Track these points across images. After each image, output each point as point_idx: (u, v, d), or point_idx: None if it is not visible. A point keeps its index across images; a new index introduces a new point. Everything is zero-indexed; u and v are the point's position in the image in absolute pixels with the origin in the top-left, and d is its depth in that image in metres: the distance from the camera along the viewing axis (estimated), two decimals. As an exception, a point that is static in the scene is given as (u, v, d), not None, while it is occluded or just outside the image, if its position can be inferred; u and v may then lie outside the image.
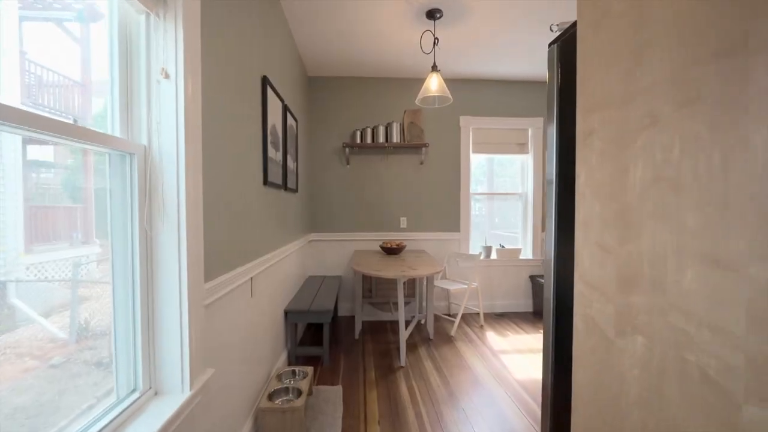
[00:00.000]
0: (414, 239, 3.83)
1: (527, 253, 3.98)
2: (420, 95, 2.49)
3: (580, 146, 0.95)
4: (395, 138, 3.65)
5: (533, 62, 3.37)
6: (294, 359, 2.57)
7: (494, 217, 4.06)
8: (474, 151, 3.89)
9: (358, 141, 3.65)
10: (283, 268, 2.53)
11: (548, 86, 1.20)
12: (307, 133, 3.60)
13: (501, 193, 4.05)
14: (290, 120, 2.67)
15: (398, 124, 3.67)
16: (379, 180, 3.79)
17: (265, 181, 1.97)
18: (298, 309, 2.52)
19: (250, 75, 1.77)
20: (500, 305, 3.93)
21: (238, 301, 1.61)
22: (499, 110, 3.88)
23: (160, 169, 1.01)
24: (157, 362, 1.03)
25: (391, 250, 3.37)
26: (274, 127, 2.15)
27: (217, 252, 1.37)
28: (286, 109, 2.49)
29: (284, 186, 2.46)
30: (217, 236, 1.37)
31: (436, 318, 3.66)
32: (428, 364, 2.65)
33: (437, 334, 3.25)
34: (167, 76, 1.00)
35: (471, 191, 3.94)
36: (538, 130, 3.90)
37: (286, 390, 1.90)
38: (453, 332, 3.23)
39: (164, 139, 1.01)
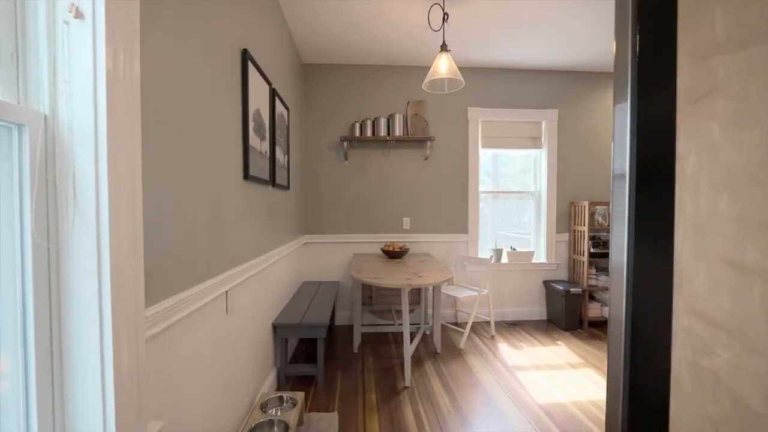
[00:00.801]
0: (418, 241, 3.52)
1: (540, 257, 3.68)
2: (428, 78, 2.18)
3: (687, 114, 0.65)
4: (398, 131, 3.34)
5: (553, 45, 3.06)
6: (284, 380, 2.26)
7: (498, 217, 3.74)
8: (483, 146, 3.58)
9: (357, 134, 3.34)
10: (271, 275, 2.23)
11: (618, 45, 0.88)
12: (301, 125, 3.29)
13: (514, 192, 3.74)
14: (280, 107, 2.36)
15: (401, 116, 3.36)
16: (380, 177, 3.49)
17: (246, 175, 1.66)
18: (289, 322, 2.21)
19: (226, 43, 1.46)
20: (511, 313, 3.63)
21: (207, 322, 1.30)
22: (510, 101, 3.57)
23: (70, 150, 0.70)
24: (66, 430, 0.72)
25: (394, 254, 3.07)
26: (258, 112, 1.84)
27: (173, 264, 1.06)
28: (274, 93, 2.18)
29: (272, 182, 2.15)
30: (174, 243, 1.06)
31: (443, 328, 3.36)
32: (436, 383, 2.35)
33: (444, 346, 2.95)
34: (79, 15, 0.69)
35: (480, 189, 3.63)
36: (553, 123, 3.59)
37: (271, 424, 1.59)
38: (462, 345, 2.93)
39: (76, 106, 0.70)
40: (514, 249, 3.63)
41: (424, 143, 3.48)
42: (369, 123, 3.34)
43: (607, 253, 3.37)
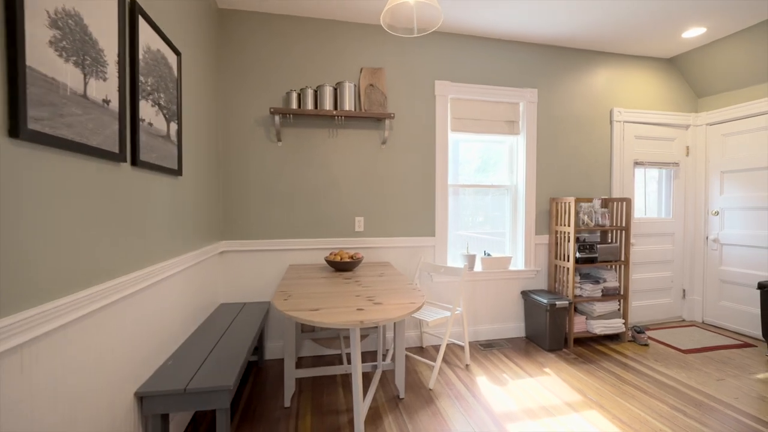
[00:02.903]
0: (374, 247, 2.78)
1: (518, 263, 3.12)
2: (388, 5, 1.44)
3: None
4: (348, 105, 2.58)
5: (533, 12, 2.47)
6: (158, 481, 1.39)
7: (459, 216, 3.11)
8: (453, 129, 2.94)
9: (295, 106, 2.52)
10: (137, 309, 1.35)
11: None
12: (212, 87, 2.39)
13: (487, 186, 3.14)
14: (156, 42, 1.49)
15: (352, 86, 2.60)
16: (324, 164, 2.69)
17: (16, 129, 0.79)
18: (164, 390, 1.35)
19: None
20: (485, 331, 3.03)
21: None
22: (484, 76, 2.96)
23: None
24: None
25: (342, 266, 2.30)
26: (75, 19, 0.98)
27: None
28: (137, 11, 1.30)
29: (128, 155, 1.28)
30: None
31: (406, 358, 2.65)
32: (401, 456, 1.63)
33: (409, 386, 2.24)
34: None
35: (450, 182, 2.99)
36: (532, 105, 3.05)
37: None
38: (432, 383, 2.24)
39: None
40: (489, 254, 3.03)
41: (382, 122, 2.75)
42: (310, 93, 2.54)
43: (594, 258, 2.89)
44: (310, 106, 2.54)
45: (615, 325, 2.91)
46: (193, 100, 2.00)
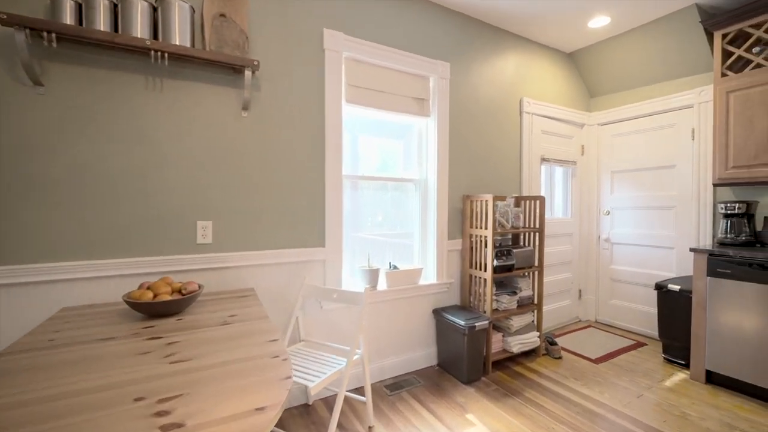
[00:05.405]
0: (229, 267, 1.82)
1: (429, 275, 2.54)
2: None
3: None
4: (178, 37, 1.57)
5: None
6: None
7: (357, 216, 2.41)
8: (349, 101, 2.18)
9: (69, 21, 1.40)
10: None
11: None
12: None
13: (394, 179, 2.47)
14: None
15: (187, 9, 1.60)
16: (142, 134, 1.62)
17: None
18: None
19: None
20: (391, 366, 2.36)
21: None
22: (390, 37, 2.29)
23: None
24: None
25: (155, 309, 1.29)
26: None
27: None
28: None
29: None
30: None
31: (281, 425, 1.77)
32: None
33: (281, 493, 1.39)
34: None
35: (347, 173, 2.22)
36: (444, 81, 2.50)
37: None
38: (318, 484, 1.43)
39: None
40: (396, 267, 2.37)
41: (241, 76, 1.81)
42: (103, 3, 1.45)
43: (511, 265, 2.48)
44: (102, 25, 1.44)
45: (531, 340, 2.57)
46: None
